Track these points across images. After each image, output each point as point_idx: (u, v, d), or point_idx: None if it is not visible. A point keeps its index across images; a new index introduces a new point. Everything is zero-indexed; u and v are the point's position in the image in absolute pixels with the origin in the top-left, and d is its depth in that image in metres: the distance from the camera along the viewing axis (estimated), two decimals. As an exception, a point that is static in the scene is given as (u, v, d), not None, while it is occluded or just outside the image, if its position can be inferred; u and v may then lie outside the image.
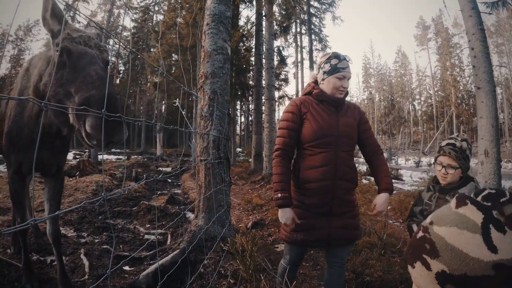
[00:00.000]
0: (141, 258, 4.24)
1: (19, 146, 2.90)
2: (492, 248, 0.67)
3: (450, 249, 0.71)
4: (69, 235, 4.94)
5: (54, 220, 3.34)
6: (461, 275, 0.69)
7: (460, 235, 0.71)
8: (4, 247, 4.30)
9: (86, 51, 2.15)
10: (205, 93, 4.76)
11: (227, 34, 5.07)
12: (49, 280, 3.52)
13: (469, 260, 0.68)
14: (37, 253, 4.23)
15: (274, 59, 15.08)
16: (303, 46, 24.94)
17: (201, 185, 4.71)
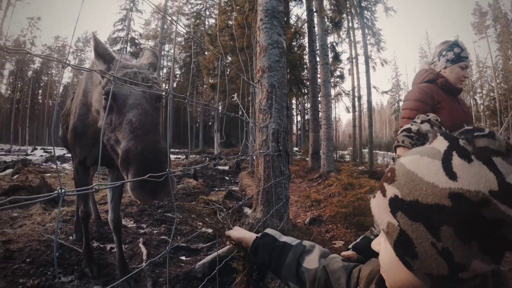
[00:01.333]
0: (197, 249, 4.34)
1: (84, 142, 3.02)
2: (451, 174, 0.60)
3: (406, 172, 0.66)
4: (129, 226, 5.19)
5: (116, 208, 3.48)
6: (412, 201, 0.63)
7: (420, 160, 0.66)
8: (66, 234, 4.64)
9: (130, 91, 2.07)
10: (263, 87, 4.82)
11: (281, 28, 5.10)
12: (108, 266, 3.72)
13: (422, 184, 0.62)
14: (98, 240, 4.52)
15: (329, 55, 14.91)
16: (357, 41, 24.30)
17: (260, 178, 4.73)
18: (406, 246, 0.64)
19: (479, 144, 0.60)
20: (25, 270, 3.51)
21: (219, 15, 19.17)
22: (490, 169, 0.57)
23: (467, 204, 0.56)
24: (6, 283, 3.25)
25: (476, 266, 0.59)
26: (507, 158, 0.58)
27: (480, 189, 0.56)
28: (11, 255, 3.77)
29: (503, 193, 0.55)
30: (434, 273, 0.61)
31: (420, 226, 0.61)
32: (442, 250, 0.59)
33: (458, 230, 0.57)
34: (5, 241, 4.16)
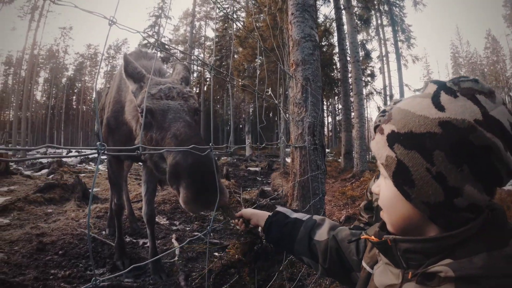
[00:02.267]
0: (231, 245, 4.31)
1: (117, 137, 2.98)
2: (439, 107, 0.66)
3: (401, 111, 0.73)
4: (161, 223, 5.19)
5: (150, 201, 3.51)
6: (407, 132, 0.69)
7: (413, 101, 0.73)
8: (99, 229, 4.69)
9: (168, 106, 2.06)
10: (297, 80, 4.71)
11: (313, 22, 4.99)
12: (140, 259, 3.72)
13: (415, 117, 0.68)
14: (131, 236, 4.55)
15: (359, 52, 14.65)
16: (387, 39, 23.78)
17: (295, 172, 4.60)
18: (404, 175, 0.69)
19: (464, 85, 0.68)
20: (57, 262, 3.56)
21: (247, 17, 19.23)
22: (474, 102, 0.65)
23: (455, 130, 0.63)
24: (38, 273, 3.27)
25: (470, 191, 0.64)
26: (490, 98, 0.65)
27: (466, 117, 0.63)
28: (44, 247, 3.83)
29: (487, 123, 0.62)
30: (431, 201, 0.67)
31: (415, 153, 0.67)
32: (436, 174, 0.65)
33: (449, 153, 0.63)
34: (38, 234, 4.23)
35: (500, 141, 0.62)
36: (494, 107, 0.64)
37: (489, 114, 0.63)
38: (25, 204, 5.88)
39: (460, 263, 0.63)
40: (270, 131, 31.99)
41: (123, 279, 3.30)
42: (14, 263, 3.40)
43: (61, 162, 13.12)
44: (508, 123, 0.63)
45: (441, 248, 0.68)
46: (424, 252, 0.70)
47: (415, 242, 0.72)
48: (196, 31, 41.45)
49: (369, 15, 17.34)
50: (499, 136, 0.62)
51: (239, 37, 19.84)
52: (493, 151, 0.62)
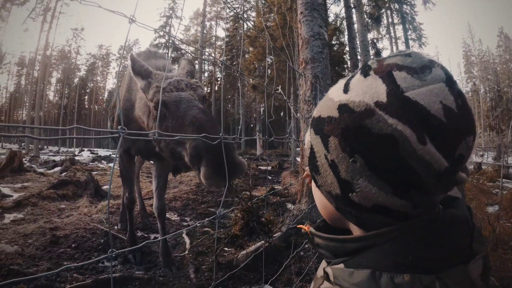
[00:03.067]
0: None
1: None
2: (346, 89, 0.59)
3: (326, 95, 0.66)
4: (172, 219, 5.27)
5: (160, 196, 3.58)
6: (317, 116, 0.63)
7: (337, 83, 0.65)
8: (111, 224, 4.74)
9: (180, 97, 2.20)
10: (307, 78, 4.74)
11: (322, 20, 5.02)
12: (151, 253, 3.78)
13: (326, 100, 0.63)
14: (142, 230, 4.62)
15: (370, 51, 14.57)
16: (397, 37, 23.61)
17: (304, 169, 4.65)
18: (313, 160, 0.64)
19: (386, 62, 0.56)
20: (70, 254, 3.63)
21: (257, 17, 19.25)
22: (384, 81, 0.53)
23: (349, 113, 0.55)
24: (51, 264, 3.36)
25: (366, 188, 0.54)
26: (416, 75, 0.52)
27: (365, 99, 0.53)
28: (57, 240, 3.90)
29: (391, 105, 0.51)
30: (332, 192, 0.60)
31: (318, 138, 0.61)
32: (331, 163, 0.58)
33: (341, 140, 0.55)
34: (52, 228, 4.32)
35: (412, 131, 0.49)
36: (419, 86, 0.51)
37: (402, 95, 0.50)
38: (39, 200, 5.99)
39: (344, 272, 0.56)
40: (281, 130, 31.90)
41: (134, 271, 3.37)
42: (28, 255, 3.48)
43: (73, 160, 13.28)
44: (440, 106, 0.49)
45: (342, 250, 0.61)
46: (330, 250, 0.65)
47: (323, 239, 0.67)
48: (207, 31, 41.57)
49: (380, 13, 17.22)
50: (410, 124, 0.49)
51: (250, 36, 19.87)
52: (398, 142, 0.50)
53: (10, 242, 3.81)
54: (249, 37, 20.01)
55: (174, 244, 4.14)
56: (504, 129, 52.03)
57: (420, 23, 20.91)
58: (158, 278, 3.18)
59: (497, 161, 21.49)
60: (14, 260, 3.30)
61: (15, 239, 3.91)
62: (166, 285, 3.09)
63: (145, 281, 3.11)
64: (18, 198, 6.01)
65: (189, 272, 3.29)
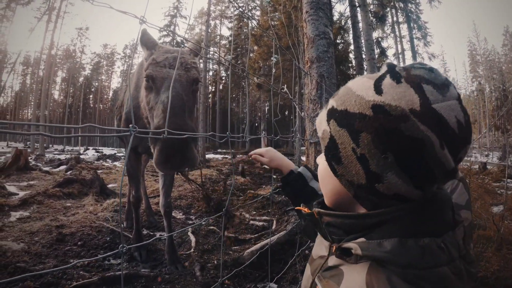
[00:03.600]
0: (245, 239, 4.36)
1: None
2: (378, 90, 0.63)
3: (346, 88, 0.71)
4: (178, 217, 5.29)
5: (167, 194, 3.59)
6: (343, 110, 0.67)
7: (360, 80, 0.70)
8: (117, 222, 4.76)
9: (168, 74, 2.23)
10: (312, 77, 4.73)
11: (327, 20, 5.00)
12: (157, 251, 3.79)
13: (353, 96, 0.66)
14: (148, 229, 4.64)
15: (375, 50, 14.52)
16: (402, 36, 23.44)
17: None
18: (333, 151, 0.68)
19: (414, 72, 0.63)
20: (76, 252, 3.65)
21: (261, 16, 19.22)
22: (416, 91, 0.60)
23: (386, 115, 0.60)
24: (57, 262, 3.37)
25: (392, 180, 0.61)
26: (439, 90, 0.61)
27: (401, 105, 0.59)
28: (63, 238, 3.92)
29: (424, 115, 0.58)
30: (355, 181, 0.66)
31: (345, 132, 0.65)
32: (360, 156, 0.63)
33: (375, 137, 0.61)
34: (58, 226, 4.34)
35: (436, 137, 0.58)
36: (441, 101, 0.60)
37: (430, 106, 0.59)
38: (45, 198, 6.02)
39: (370, 244, 0.63)
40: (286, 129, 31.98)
41: (140, 269, 3.38)
42: (34, 253, 3.50)
43: (79, 159, 13.35)
44: (455, 120, 0.59)
45: (359, 226, 0.68)
46: (344, 227, 0.71)
47: (336, 217, 0.73)
48: (211, 30, 41.58)
49: (385, 12, 17.16)
50: (436, 132, 0.58)
51: (254, 35, 19.85)
52: (426, 145, 0.58)
53: (17, 239, 3.84)
54: (254, 36, 19.98)
55: (179, 242, 4.15)
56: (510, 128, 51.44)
57: (425, 22, 20.75)
58: (164, 276, 3.18)
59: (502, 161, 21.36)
60: (21, 258, 3.32)
61: (22, 237, 3.93)
62: (172, 283, 3.10)
63: (151, 278, 3.12)
64: (24, 196, 6.05)
65: (195, 270, 3.30)
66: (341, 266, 0.69)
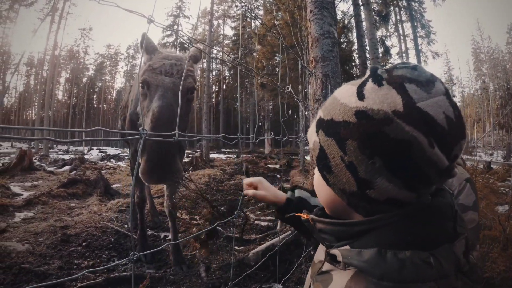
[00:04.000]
0: (250, 240, 4.35)
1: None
2: (360, 96, 0.63)
3: (332, 97, 0.71)
4: (182, 217, 5.25)
5: (171, 195, 3.58)
6: (329, 119, 0.67)
7: (344, 87, 0.69)
8: (122, 222, 4.78)
9: (162, 82, 2.24)
10: (317, 77, 4.70)
11: (331, 19, 4.97)
12: (161, 251, 3.77)
13: (338, 105, 0.66)
14: (152, 229, 4.64)
15: (379, 49, 14.47)
16: (406, 35, 23.34)
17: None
18: (324, 161, 0.68)
19: (396, 73, 0.62)
20: (81, 253, 3.65)
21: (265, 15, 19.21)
22: (398, 92, 0.59)
23: (369, 120, 0.59)
24: (62, 262, 3.37)
25: (383, 185, 0.60)
26: (424, 87, 0.59)
27: (383, 108, 0.58)
28: (68, 238, 3.92)
29: (408, 114, 0.57)
30: (347, 190, 0.66)
31: (332, 141, 0.65)
32: (348, 164, 0.63)
33: (360, 144, 0.60)
34: (62, 226, 4.34)
35: (424, 136, 0.57)
36: (427, 98, 0.58)
37: (414, 106, 0.57)
38: (49, 199, 6.03)
39: (351, 252, 0.63)
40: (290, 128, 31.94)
41: (145, 269, 3.37)
42: (39, 254, 3.50)
43: (83, 159, 13.38)
44: (443, 116, 0.58)
45: (347, 233, 0.68)
46: (334, 234, 0.72)
47: (326, 224, 0.73)
48: (215, 29, 41.61)
49: (388, 10, 17.11)
50: (423, 131, 0.57)
51: (258, 35, 19.83)
52: (413, 146, 0.57)
53: (21, 240, 3.84)
54: (258, 35, 19.96)
55: (184, 243, 4.12)
56: (514, 127, 51.11)
57: (428, 20, 20.67)
58: (169, 277, 3.18)
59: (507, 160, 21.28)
60: (25, 259, 3.32)
61: (26, 238, 3.93)
62: (177, 284, 3.09)
63: (156, 279, 3.11)
64: (29, 197, 6.06)
65: (200, 270, 3.28)
66: (331, 271, 0.69)
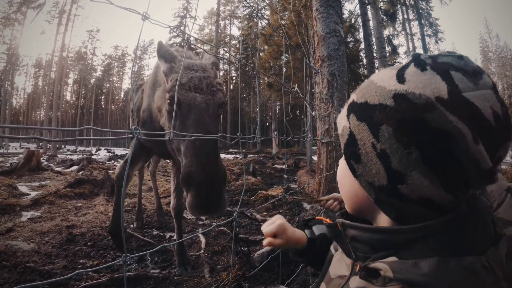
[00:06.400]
0: (256, 241, 4.32)
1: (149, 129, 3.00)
2: (400, 79, 0.57)
3: (367, 81, 0.65)
4: (188, 217, 5.25)
5: (178, 196, 3.57)
6: (362, 102, 0.61)
7: (383, 71, 0.64)
8: (128, 222, 4.79)
9: (194, 101, 2.08)
10: (323, 76, 4.67)
11: (337, 17, 4.94)
12: (166, 252, 3.77)
13: (374, 87, 0.61)
14: (158, 229, 4.64)
15: (386, 48, 14.39)
16: (413, 33, 23.24)
17: (322, 168, 4.56)
18: (352, 147, 0.62)
19: (441, 60, 0.57)
20: (86, 252, 3.65)
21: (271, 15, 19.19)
22: (443, 78, 0.54)
23: (408, 104, 0.54)
24: (67, 262, 3.37)
25: (417, 181, 0.54)
26: (471, 78, 0.54)
27: (426, 93, 0.53)
28: (73, 238, 3.94)
29: (454, 103, 0.52)
30: (375, 182, 0.59)
31: (364, 125, 0.60)
32: (380, 152, 0.57)
33: (397, 130, 0.54)
34: (68, 226, 4.36)
35: (469, 129, 0.51)
36: (473, 89, 0.53)
37: (460, 95, 0.52)
38: (56, 198, 6.05)
39: (404, 264, 0.55)
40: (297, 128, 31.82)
41: (149, 270, 3.36)
42: (44, 253, 3.51)
43: (90, 159, 13.43)
44: (491, 110, 0.52)
45: (390, 242, 0.60)
46: (371, 243, 0.63)
47: (362, 230, 0.64)
48: (221, 30, 41.66)
49: (395, 9, 17.00)
50: (468, 123, 0.51)
51: (264, 35, 19.82)
52: (456, 139, 0.51)
53: (27, 240, 3.85)
54: (264, 35, 19.95)
55: (189, 243, 4.13)
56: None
57: (436, 19, 20.51)
58: (173, 278, 3.15)
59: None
60: (31, 258, 3.33)
61: (32, 237, 3.95)
62: (181, 285, 3.06)
63: (160, 280, 3.09)
64: (36, 197, 6.09)
65: (204, 271, 3.26)
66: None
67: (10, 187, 6.87)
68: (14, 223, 4.51)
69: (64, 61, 39.67)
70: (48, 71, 42.26)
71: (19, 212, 5.18)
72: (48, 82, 36.47)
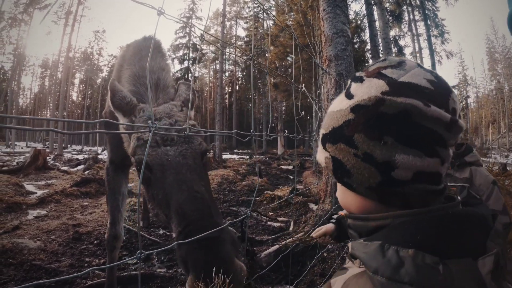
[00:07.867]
0: (262, 241, 4.31)
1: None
2: (349, 96, 0.68)
3: (327, 114, 0.75)
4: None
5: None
6: (331, 130, 0.71)
7: (335, 101, 0.75)
8: (134, 222, 4.79)
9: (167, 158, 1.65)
10: (331, 76, 4.65)
11: (345, 17, 4.92)
12: (172, 251, 3.69)
13: (334, 114, 0.71)
14: (164, 228, 4.64)
15: (392, 48, 14.32)
16: (419, 34, 23.06)
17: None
18: (340, 168, 0.69)
19: (371, 69, 0.69)
20: (92, 251, 3.65)
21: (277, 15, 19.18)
22: (379, 78, 0.65)
23: (364, 108, 0.64)
24: (73, 260, 3.38)
25: (403, 160, 0.61)
26: (397, 68, 0.66)
27: (372, 94, 0.64)
28: (79, 237, 3.94)
29: (396, 89, 0.62)
30: (372, 184, 0.65)
31: (340, 144, 0.68)
32: (363, 156, 0.64)
33: (366, 132, 0.63)
34: (75, 224, 4.36)
35: (416, 100, 0.60)
36: (404, 73, 0.64)
37: (397, 81, 0.63)
38: (62, 197, 6.08)
39: (360, 244, 0.63)
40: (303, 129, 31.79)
41: (156, 269, 3.35)
42: (50, 251, 3.52)
43: (96, 159, 13.49)
44: (425, 80, 0.64)
45: (365, 228, 0.68)
46: (357, 230, 0.72)
47: (352, 219, 0.73)
48: (227, 31, 41.69)
49: (401, 10, 16.93)
50: (413, 96, 0.61)
51: (271, 35, 19.82)
52: (412, 112, 0.60)
53: (33, 237, 3.87)
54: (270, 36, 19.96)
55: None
56: (531, 129, 50.10)
57: (442, 19, 20.38)
58: (180, 276, 3.15)
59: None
60: (37, 256, 3.34)
61: (38, 235, 3.96)
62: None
63: (167, 279, 3.08)
64: (42, 195, 6.12)
65: (211, 271, 3.23)
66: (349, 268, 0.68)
67: (16, 186, 6.92)
68: (20, 221, 4.53)
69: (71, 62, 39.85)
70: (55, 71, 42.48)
71: (25, 210, 5.21)
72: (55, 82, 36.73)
